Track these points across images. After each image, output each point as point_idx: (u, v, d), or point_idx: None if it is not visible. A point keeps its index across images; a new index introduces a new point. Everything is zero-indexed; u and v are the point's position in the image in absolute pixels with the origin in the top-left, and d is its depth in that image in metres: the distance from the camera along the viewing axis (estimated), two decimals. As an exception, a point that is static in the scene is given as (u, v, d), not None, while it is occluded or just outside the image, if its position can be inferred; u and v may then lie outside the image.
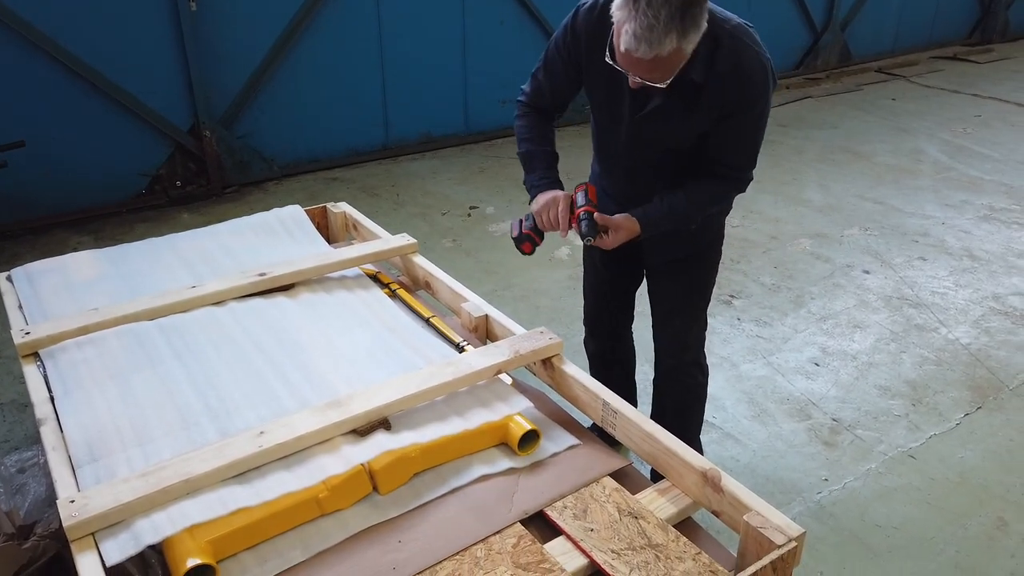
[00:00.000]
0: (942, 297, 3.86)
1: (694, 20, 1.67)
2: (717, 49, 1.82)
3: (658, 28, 1.64)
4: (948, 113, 6.94)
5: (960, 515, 2.51)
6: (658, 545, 1.61)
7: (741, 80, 1.86)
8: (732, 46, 1.85)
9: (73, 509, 1.49)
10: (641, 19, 1.64)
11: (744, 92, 1.88)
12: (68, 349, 2.07)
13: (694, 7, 1.67)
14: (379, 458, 1.72)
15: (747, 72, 1.87)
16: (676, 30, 1.66)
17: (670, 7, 1.63)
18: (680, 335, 2.33)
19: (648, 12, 1.63)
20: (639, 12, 1.65)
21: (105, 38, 4.42)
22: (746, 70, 1.87)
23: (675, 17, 1.64)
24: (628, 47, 1.70)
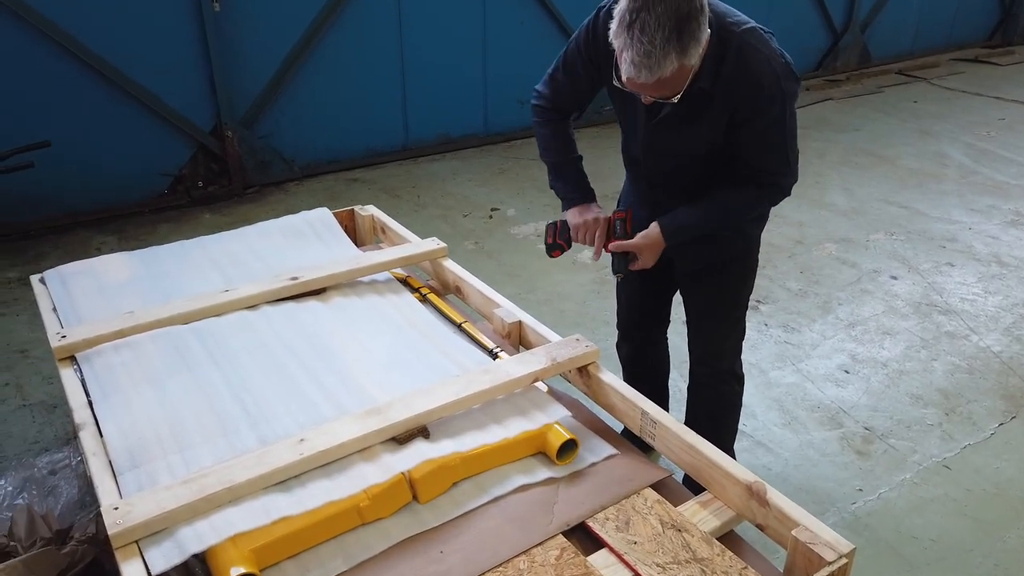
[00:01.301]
0: (972, 304, 3.81)
1: (692, 35, 1.65)
2: (725, 56, 1.79)
3: (656, 53, 1.63)
4: (971, 116, 6.87)
5: (998, 527, 2.47)
6: (703, 559, 1.59)
7: (750, 85, 1.83)
8: (740, 52, 1.81)
9: (117, 516, 1.48)
10: (638, 46, 1.63)
11: (754, 97, 1.85)
12: (104, 353, 2.06)
13: (690, 23, 1.64)
14: (419, 467, 1.71)
15: (755, 77, 1.83)
16: (675, 50, 1.64)
17: (664, 30, 1.61)
18: (713, 342, 2.30)
19: (643, 38, 1.62)
20: (634, 39, 1.64)
21: (129, 39, 4.43)
22: (755, 75, 1.83)
23: (671, 39, 1.62)
24: (629, 75, 1.69)
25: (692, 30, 1.64)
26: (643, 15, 1.62)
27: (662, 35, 1.61)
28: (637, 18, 1.62)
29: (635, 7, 1.64)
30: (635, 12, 1.63)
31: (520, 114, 6.14)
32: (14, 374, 3.16)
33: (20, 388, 3.07)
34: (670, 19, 1.61)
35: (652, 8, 1.62)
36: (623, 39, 1.66)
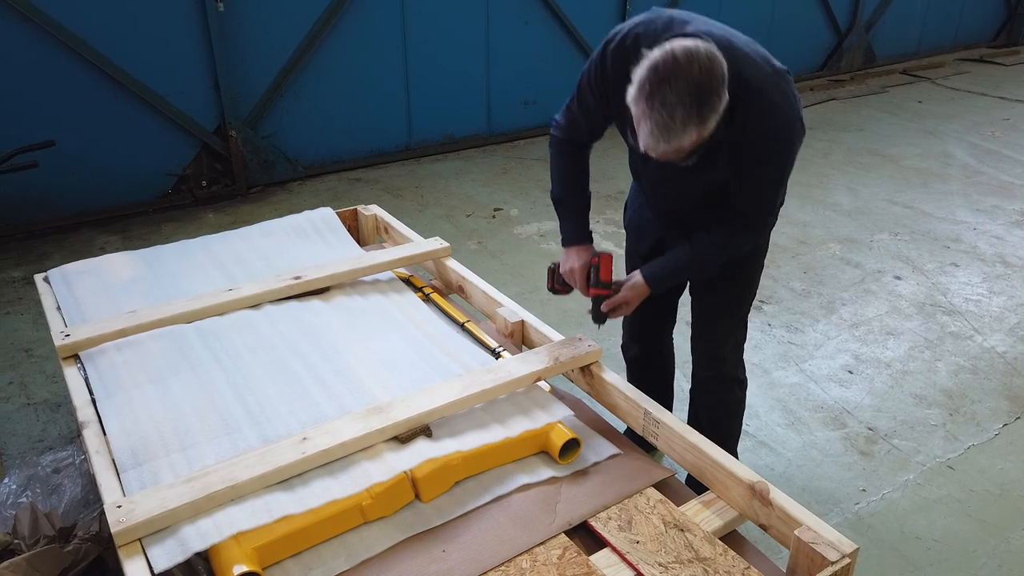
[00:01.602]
0: (976, 304, 3.80)
1: (712, 108, 1.59)
2: (738, 108, 1.70)
3: (675, 127, 1.58)
4: (976, 116, 6.85)
5: (1002, 528, 2.46)
6: (706, 559, 1.59)
7: (764, 138, 1.78)
8: (757, 105, 1.74)
9: (120, 514, 1.49)
10: (656, 118, 1.58)
11: (763, 149, 1.80)
12: (108, 351, 2.07)
13: (711, 96, 1.58)
14: (422, 466, 1.71)
15: (770, 131, 1.78)
16: (694, 124, 1.58)
17: (685, 105, 1.56)
18: (717, 344, 2.29)
19: (663, 111, 1.57)
20: (654, 111, 1.58)
21: (133, 39, 4.44)
22: (768, 129, 1.78)
23: (691, 114, 1.57)
24: (647, 145, 1.64)
25: (712, 103, 1.58)
26: (663, 88, 1.55)
27: (682, 110, 1.56)
28: (657, 91, 1.56)
29: (655, 79, 1.56)
30: (655, 84, 1.56)
31: (524, 114, 6.14)
32: (18, 373, 3.17)
33: (24, 387, 3.08)
34: (691, 94, 1.55)
35: (673, 82, 1.55)
36: (642, 108, 1.59)
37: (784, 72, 1.82)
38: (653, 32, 1.79)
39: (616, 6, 6.25)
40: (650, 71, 1.57)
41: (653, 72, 1.57)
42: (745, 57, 1.76)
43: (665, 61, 1.56)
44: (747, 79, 1.72)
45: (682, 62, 1.55)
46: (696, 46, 1.58)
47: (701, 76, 1.56)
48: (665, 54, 1.57)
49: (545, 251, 4.28)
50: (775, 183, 1.90)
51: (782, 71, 1.82)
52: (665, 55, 1.57)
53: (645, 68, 1.59)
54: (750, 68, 1.75)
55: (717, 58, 1.59)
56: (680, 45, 1.58)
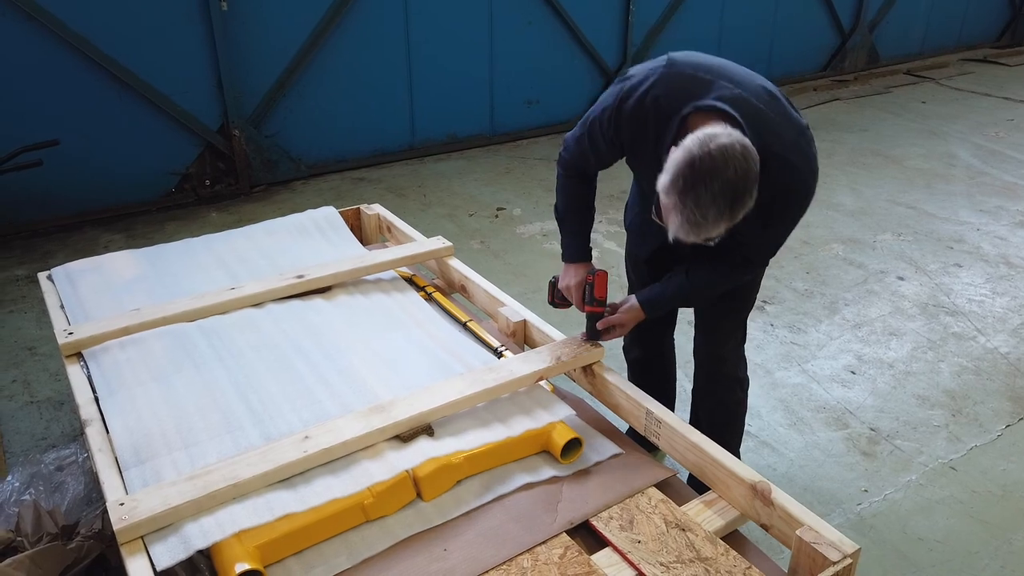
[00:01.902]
0: (979, 305, 3.79)
1: (744, 205, 1.58)
2: (762, 174, 1.65)
3: (707, 225, 1.57)
4: (980, 117, 6.83)
5: (1004, 529, 2.46)
6: (707, 558, 1.59)
7: (782, 200, 1.78)
8: (780, 171, 1.72)
9: (123, 512, 1.49)
10: (689, 215, 1.56)
11: (782, 208, 1.80)
12: (111, 350, 2.08)
13: (745, 196, 1.56)
14: (423, 465, 1.72)
15: (789, 194, 1.79)
16: (725, 220, 1.57)
17: (719, 206, 1.54)
18: (716, 348, 2.28)
19: (696, 211, 1.55)
20: (687, 207, 1.55)
21: (137, 38, 4.44)
22: (787, 192, 1.78)
23: (724, 213, 1.55)
24: (676, 235, 1.61)
25: (744, 201, 1.57)
26: (699, 188, 1.53)
27: (715, 210, 1.54)
28: (692, 190, 1.53)
29: (692, 177, 1.53)
30: (690, 183, 1.53)
31: (527, 114, 6.14)
32: (22, 371, 3.18)
33: (28, 385, 3.09)
34: (725, 195, 1.53)
35: (709, 183, 1.52)
36: (674, 202, 1.56)
37: (805, 128, 1.82)
38: (675, 96, 1.74)
39: (619, 6, 6.25)
40: (686, 166, 1.54)
41: (689, 168, 1.53)
42: (769, 123, 1.73)
43: (702, 160, 1.52)
44: (773, 151, 1.70)
45: (719, 162, 1.52)
46: (732, 144, 1.54)
47: (736, 178, 1.53)
48: (703, 151, 1.53)
49: (548, 251, 4.28)
50: (784, 234, 1.92)
51: (803, 127, 1.81)
52: (703, 153, 1.52)
53: (681, 162, 1.55)
54: (774, 134, 1.73)
55: (751, 155, 1.56)
56: (717, 142, 1.53)
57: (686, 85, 1.75)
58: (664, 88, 1.76)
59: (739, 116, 1.68)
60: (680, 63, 1.79)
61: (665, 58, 1.82)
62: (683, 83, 1.75)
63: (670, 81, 1.77)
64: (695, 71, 1.77)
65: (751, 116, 1.70)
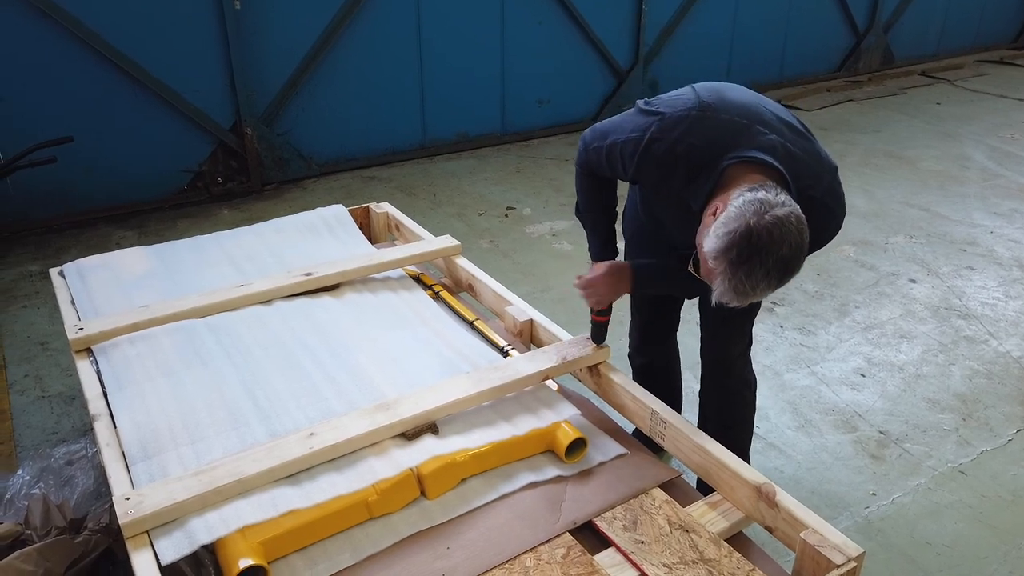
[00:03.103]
0: (992, 308, 3.76)
1: (793, 274, 1.56)
2: None
3: (753, 295, 1.55)
4: (995, 118, 6.77)
5: (1014, 534, 2.44)
6: (711, 560, 1.58)
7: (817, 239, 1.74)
8: (818, 216, 1.69)
9: (128, 507, 1.50)
10: (738, 286, 1.53)
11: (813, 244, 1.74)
12: (120, 345, 2.09)
13: (795, 268, 1.55)
14: (428, 463, 1.72)
15: (823, 235, 1.80)
16: (774, 289, 1.57)
17: (769, 280, 1.52)
18: (723, 353, 2.27)
19: (747, 283, 1.52)
20: (737, 278, 1.52)
21: (151, 36, 4.48)
22: (823, 233, 1.79)
23: (773, 284, 1.54)
24: (719, 300, 1.59)
25: (795, 270, 1.56)
26: (753, 262, 1.50)
27: (766, 284, 1.53)
28: (745, 262, 1.50)
29: (747, 250, 1.49)
30: (745, 255, 1.50)
31: (538, 113, 6.14)
32: (34, 366, 3.21)
33: (39, 380, 3.12)
34: (778, 271, 1.51)
35: (764, 260, 1.50)
36: (723, 268, 1.53)
37: (835, 169, 1.84)
38: (711, 145, 1.70)
39: (632, 5, 6.23)
40: (742, 239, 1.50)
41: (746, 241, 1.49)
42: (807, 168, 1.73)
43: (759, 235, 1.49)
44: (813, 196, 1.72)
45: (776, 237, 1.49)
46: (788, 216, 1.51)
47: (790, 254, 1.52)
48: (759, 224, 1.49)
49: (557, 251, 4.28)
50: None
51: (834, 168, 1.83)
52: (759, 227, 1.49)
53: (736, 234, 1.50)
54: (812, 180, 1.74)
55: (804, 228, 1.55)
56: (774, 215, 1.50)
57: (722, 133, 1.70)
58: (699, 137, 1.71)
59: (780, 165, 1.66)
60: (713, 107, 1.73)
61: (695, 99, 1.75)
62: (718, 131, 1.70)
63: (705, 129, 1.71)
64: (729, 115, 1.72)
65: (790, 164, 1.69)
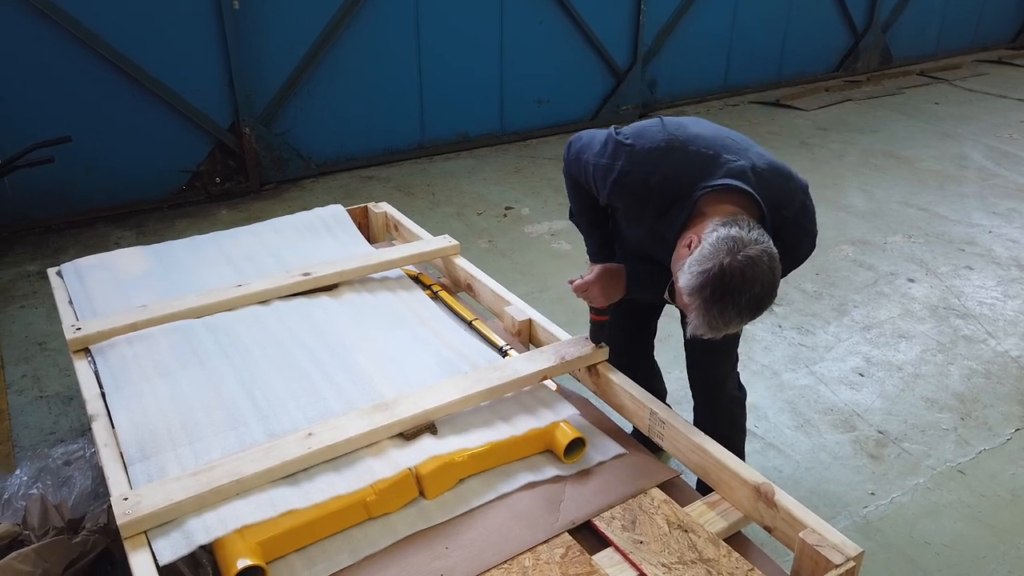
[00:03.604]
0: (990, 308, 3.76)
1: (765, 309, 1.59)
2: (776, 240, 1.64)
3: (726, 329, 1.58)
4: (994, 118, 6.78)
5: (1012, 534, 2.44)
6: (709, 560, 1.58)
7: (790, 259, 1.78)
8: (792, 236, 1.75)
9: (126, 507, 1.50)
10: (711, 321, 1.56)
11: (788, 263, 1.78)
12: (118, 345, 2.09)
13: (767, 304, 1.58)
14: (426, 463, 1.72)
15: (798, 253, 1.84)
16: (747, 323, 1.61)
17: (743, 317, 1.56)
18: (710, 375, 2.25)
19: (720, 320, 1.55)
20: (711, 314, 1.55)
21: (150, 36, 4.47)
22: (797, 252, 1.83)
23: (746, 320, 1.58)
24: (694, 333, 1.61)
25: (767, 306, 1.59)
26: (726, 301, 1.53)
27: (739, 320, 1.56)
28: (719, 301, 1.53)
29: (720, 290, 1.52)
30: (718, 294, 1.52)
31: (537, 113, 6.14)
32: (32, 366, 3.21)
33: (37, 380, 3.12)
34: (751, 308, 1.55)
35: (737, 299, 1.53)
36: (698, 305, 1.55)
37: (806, 188, 1.84)
38: (682, 177, 1.72)
39: (631, 5, 6.23)
40: (716, 279, 1.52)
41: (719, 282, 1.52)
42: (778, 188, 1.74)
43: (731, 275, 1.51)
44: (785, 216, 1.74)
45: (748, 278, 1.52)
46: (760, 255, 1.53)
47: (763, 292, 1.55)
48: (731, 265, 1.51)
49: (555, 251, 4.27)
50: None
51: (805, 187, 1.83)
52: (731, 268, 1.51)
53: (710, 273, 1.52)
54: (784, 202, 1.75)
55: (776, 266, 1.57)
56: (746, 254, 1.52)
57: (691, 164, 1.72)
58: (670, 168, 1.73)
59: (751, 189, 1.67)
60: (680, 139, 1.75)
61: (663, 131, 1.78)
62: (687, 162, 1.72)
63: (674, 161, 1.73)
64: (696, 147, 1.74)
65: (760, 186, 1.70)
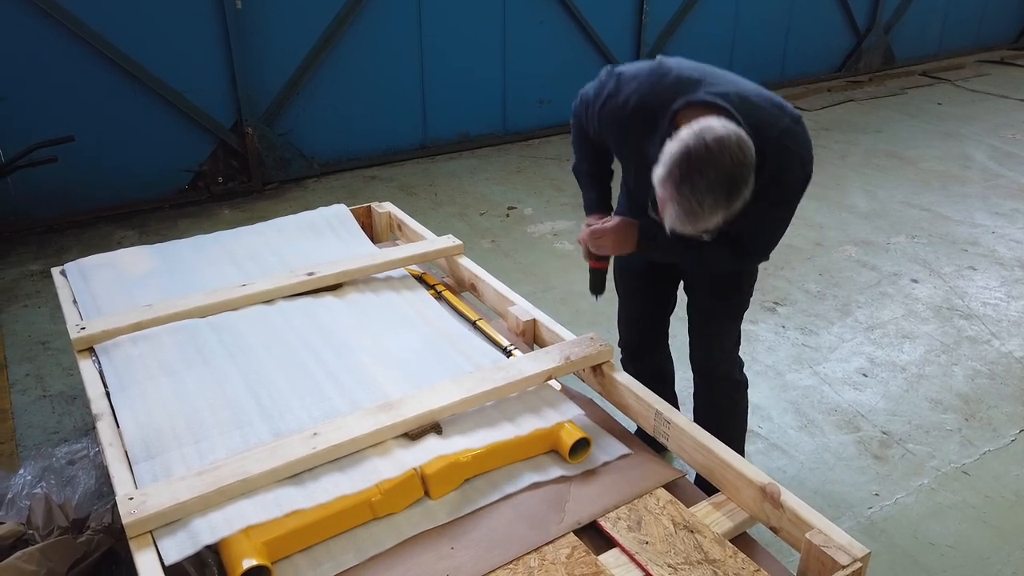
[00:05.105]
0: (994, 308, 3.75)
1: (740, 194, 1.58)
2: (763, 164, 1.66)
3: (703, 214, 1.57)
4: (996, 119, 6.77)
5: (1017, 534, 2.43)
6: (715, 560, 1.58)
7: (776, 187, 1.77)
8: (777, 157, 1.72)
9: (132, 506, 1.50)
10: (685, 204, 1.57)
11: (774, 197, 1.79)
12: (122, 345, 2.09)
13: (741, 184, 1.57)
14: (431, 463, 1.71)
15: (786, 178, 1.79)
16: (722, 210, 1.58)
17: (715, 195, 1.54)
18: (709, 352, 2.25)
19: (692, 200, 1.55)
20: (683, 197, 1.56)
21: (153, 36, 4.48)
22: (786, 176, 1.78)
23: (720, 202, 1.56)
24: (672, 227, 1.62)
25: (740, 190, 1.57)
26: (694, 178, 1.53)
27: (711, 199, 1.55)
28: (687, 179, 1.54)
29: (687, 167, 1.54)
30: (686, 172, 1.54)
31: (539, 113, 6.13)
32: (35, 365, 3.21)
33: (41, 379, 3.12)
34: (721, 184, 1.53)
35: (705, 172, 1.52)
36: (670, 192, 1.57)
37: (799, 118, 1.81)
38: (663, 95, 1.75)
39: (633, 5, 6.23)
40: (682, 157, 1.54)
41: (685, 160, 1.53)
42: (763, 111, 1.74)
43: (698, 150, 1.52)
44: (766, 136, 1.70)
45: (715, 152, 1.52)
46: (728, 134, 1.54)
47: (733, 167, 1.54)
48: (698, 142, 1.53)
49: (559, 250, 4.27)
50: (783, 222, 1.91)
51: (797, 116, 1.81)
52: (698, 143, 1.53)
53: (677, 153, 1.55)
54: (769, 122, 1.74)
55: (747, 145, 1.57)
56: (713, 134, 1.53)
57: (672, 86, 1.77)
58: (650, 92, 1.78)
59: (731, 108, 1.67)
60: (667, 66, 1.80)
61: (653, 62, 1.83)
62: (669, 86, 1.77)
63: (655, 85, 1.78)
64: (682, 72, 1.78)
65: (743, 107, 1.70)
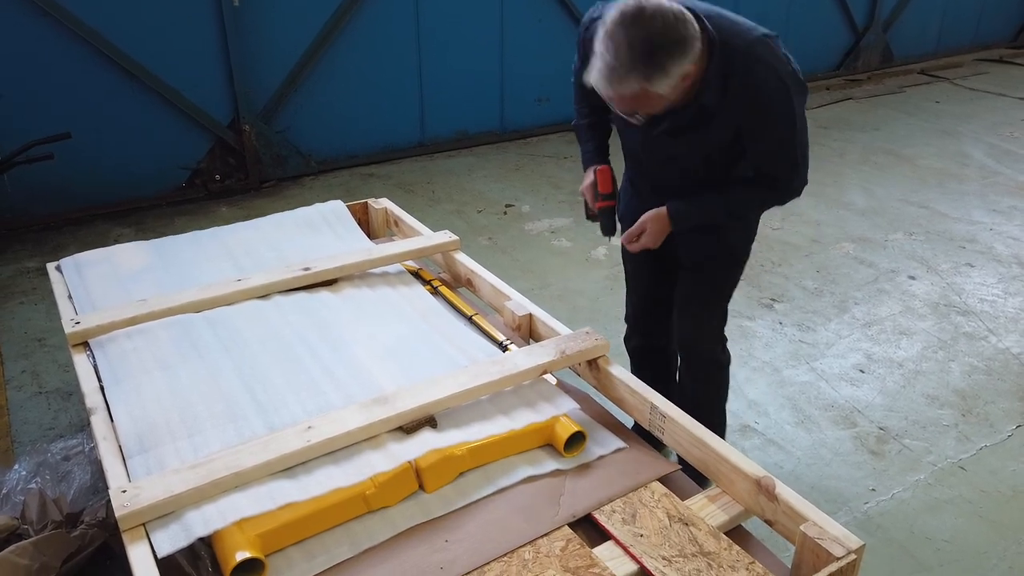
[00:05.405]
0: (991, 305, 3.75)
1: (661, 67, 1.62)
2: (732, 72, 1.72)
3: (619, 71, 1.62)
4: (994, 117, 6.78)
5: (1013, 529, 2.43)
6: (710, 553, 1.57)
7: (759, 100, 1.78)
8: (746, 68, 1.76)
9: (125, 499, 1.49)
10: (606, 57, 1.63)
11: (763, 112, 1.80)
12: (117, 339, 2.08)
13: (662, 55, 1.61)
14: (426, 456, 1.71)
15: (764, 92, 1.79)
16: (639, 74, 1.63)
17: (632, 50, 1.60)
18: (695, 327, 2.28)
19: (612, 51, 1.62)
20: (606, 50, 1.63)
21: (150, 33, 4.47)
22: (763, 90, 1.79)
23: (637, 60, 1.61)
24: (594, 82, 1.68)
25: (662, 62, 1.62)
26: (620, 30, 1.61)
27: (629, 56, 1.61)
28: (614, 32, 1.62)
29: (617, 22, 1.63)
30: (616, 26, 1.63)
31: (537, 111, 6.13)
32: (31, 362, 3.20)
33: (37, 376, 3.11)
34: (642, 43, 1.60)
35: (629, 28, 1.61)
36: (600, 47, 1.66)
37: (773, 36, 1.82)
38: None
39: (630, 3, 6.23)
40: (617, 14, 1.62)
41: (619, 16, 1.62)
42: (731, 25, 1.78)
43: (631, 9, 1.60)
44: (734, 45, 1.75)
45: (647, 15, 1.59)
46: (669, 8, 1.61)
47: (660, 30, 1.60)
48: (636, 4, 1.61)
49: (556, 248, 4.27)
50: (788, 142, 1.88)
51: (770, 34, 1.82)
52: (636, 5, 1.61)
53: (615, 11, 1.63)
54: (736, 34, 1.78)
55: (688, 24, 1.62)
56: (654, 2, 1.61)
57: None
58: None
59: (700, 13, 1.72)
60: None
61: None
62: None
63: None
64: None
65: (715, 19, 1.75)
